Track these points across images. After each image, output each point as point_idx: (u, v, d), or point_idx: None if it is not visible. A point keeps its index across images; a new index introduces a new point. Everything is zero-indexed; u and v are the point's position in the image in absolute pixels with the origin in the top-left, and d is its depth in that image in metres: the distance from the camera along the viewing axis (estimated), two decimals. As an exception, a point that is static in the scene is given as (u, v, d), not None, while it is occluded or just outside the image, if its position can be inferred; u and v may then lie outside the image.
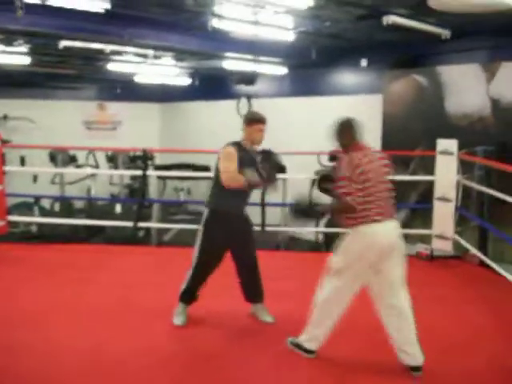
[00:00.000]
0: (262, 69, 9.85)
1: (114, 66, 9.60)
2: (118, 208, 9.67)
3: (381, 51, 8.43)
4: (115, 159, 10.65)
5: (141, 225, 7.50)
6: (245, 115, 4.16)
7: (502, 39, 6.87)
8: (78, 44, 7.28)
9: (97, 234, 9.16)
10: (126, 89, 13.51)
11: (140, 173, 7.42)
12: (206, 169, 9.17)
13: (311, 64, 9.18)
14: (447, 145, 6.25)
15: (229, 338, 4.06)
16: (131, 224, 7.10)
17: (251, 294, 4.33)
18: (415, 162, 7.73)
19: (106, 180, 11.61)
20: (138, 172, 7.70)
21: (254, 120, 4.06)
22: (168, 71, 10.71)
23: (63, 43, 7.13)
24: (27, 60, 8.80)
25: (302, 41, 7.69)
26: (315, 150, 7.79)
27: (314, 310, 3.61)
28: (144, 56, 8.72)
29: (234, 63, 9.23)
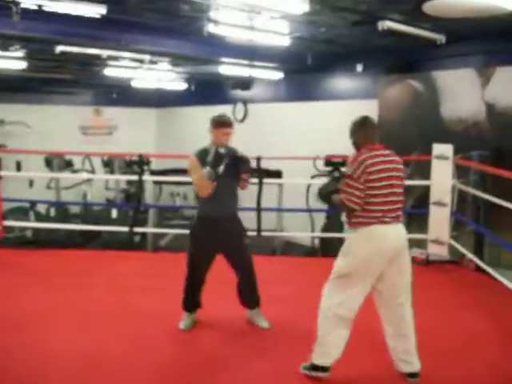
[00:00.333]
0: (258, 74, 9.87)
1: (111, 71, 9.60)
2: (114, 213, 9.67)
3: (376, 56, 8.45)
4: (111, 164, 10.64)
5: (137, 230, 7.49)
6: (212, 118, 4.13)
7: (497, 44, 6.89)
8: (74, 49, 7.29)
9: (93, 240, 9.15)
10: (122, 94, 13.51)
11: (136, 178, 7.41)
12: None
13: (307, 69, 9.19)
14: (443, 149, 6.26)
15: (225, 343, 4.05)
16: (127, 229, 7.10)
17: (247, 299, 4.33)
18: (411, 167, 7.73)
19: (102, 185, 11.61)
20: (134, 177, 7.69)
21: (220, 123, 4.08)
22: (164, 76, 10.72)
23: (59, 48, 7.13)
24: (23, 65, 8.79)
25: (298, 46, 7.71)
26: (311, 155, 7.81)
27: (321, 321, 3.36)
28: (140, 61, 8.73)
29: (230, 68, 9.24)
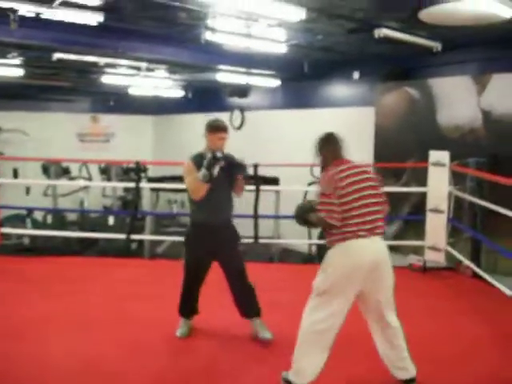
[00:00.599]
0: (255, 81, 9.90)
1: (108, 79, 9.63)
2: (111, 220, 9.66)
3: (373, 64, 8.50)
4: (108, 171, 10.65)
5: (134, 237, 7.47)
6: (207, 123, 4.10)
7: (493, 51, 6.94)
8: (72, 57, 7.31)
9: (90, 247, 9.13)
10: (120, 101, 13.54)
11: (133, 185, 7.41)
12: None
13: (304, 76, 9.23)
14: (439, 156, 6.28)
15: (223, 349, 4.03)
16: (124, 236, 7.08)
17: (246, 308, 4.21)
18: (407, 174, 7.76)
19: (99, 192, 11.59)
20: (131, 184, 7.69)
21: (215, 128, 4.06)
22: (161, 84, 10.75)
23: (57, 56, 7.16)
24: (21, 72, 8.81)
25: (295, 53, 7.74)
26: (308, 162, 7.81)
27: (299, 340, 3.28)
28: (137, 69, 8.76)
29: (227, 76, 9.27)
